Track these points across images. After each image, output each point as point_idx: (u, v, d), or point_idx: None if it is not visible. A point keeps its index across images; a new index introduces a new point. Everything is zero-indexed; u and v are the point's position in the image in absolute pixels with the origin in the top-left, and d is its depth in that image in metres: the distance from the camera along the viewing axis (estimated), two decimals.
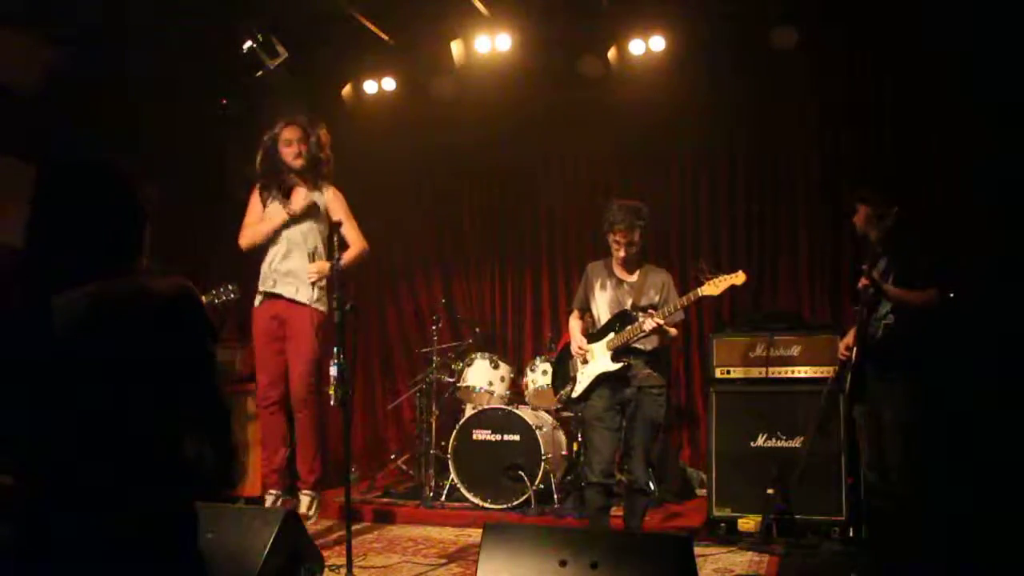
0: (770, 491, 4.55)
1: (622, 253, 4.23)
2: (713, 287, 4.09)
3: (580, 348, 4.34)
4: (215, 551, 2.87)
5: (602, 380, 4.26)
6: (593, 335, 4.35)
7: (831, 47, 5.81)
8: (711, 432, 4.91)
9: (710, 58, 5.96)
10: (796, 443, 4.68)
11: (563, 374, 4.56)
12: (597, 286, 4.38)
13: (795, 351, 4.82)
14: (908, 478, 3.91)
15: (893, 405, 3.94)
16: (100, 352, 1.55)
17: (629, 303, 4.27)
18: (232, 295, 4.97)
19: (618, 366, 4.21)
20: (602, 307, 4.35)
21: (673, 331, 4.24)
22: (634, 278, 4.32)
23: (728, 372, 4.95)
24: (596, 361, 4.29)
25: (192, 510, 1.68)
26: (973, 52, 5.19)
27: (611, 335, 4.26)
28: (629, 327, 4.19)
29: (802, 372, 4.78)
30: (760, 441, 4.79)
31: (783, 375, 4.82)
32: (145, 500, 1.58)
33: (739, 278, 4.09)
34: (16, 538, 1.47)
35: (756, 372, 4.88)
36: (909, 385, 3.92)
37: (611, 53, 5.94)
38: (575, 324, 4.51)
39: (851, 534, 4.54)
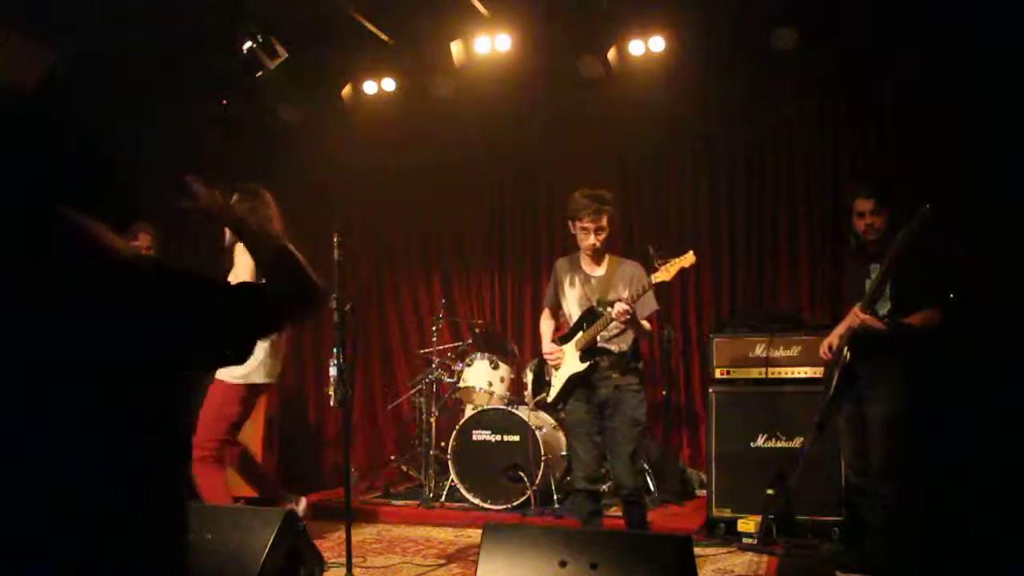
0: (770, 491, 4.54)
1: (591, 240, 4.07)
2: (665, 273, 3.89)
3: (549, 353, 4.20)
4: (215, 551, 2.87)
5: (575, 382, 4.11)
6: (565, 336, 4.21)
7: (831, 47, 5.80)
8: (711, 432, 4.90)
9: (710, 58, 5.96)
10: (796, 443, 4.68)
11: (540, 378, 4.42)
12: (566, 283, 4.23)
13: (795, 351, 4.82)
14: (890, 477, 3.86)
15: (882, 402, 3.88)
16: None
17: (596, 299, 4.11)
18: None
19: (585, 366, 4.05)
20: (572, 305, 4.21)
21: (646, 324, 4.08)
22: (601, 271, 4.17)
23: (728, 372, 4.94)
24: (567, 363, 4.14)
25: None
26: (973, 52, 5.19)
27: (579, 334, 4.12)
28: (596, 323, 4.04)
29: (802, 372, 4.77)
30: (760, 441, 4.79)
31: (783, 375, 4.82)
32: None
33: (688, 259, 3.90)
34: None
35: (756, 372, 4.87)
36: (902, 383, 3.84)
37: (611, 53, 5.93)
38: (546, 326, 4.37)
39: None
